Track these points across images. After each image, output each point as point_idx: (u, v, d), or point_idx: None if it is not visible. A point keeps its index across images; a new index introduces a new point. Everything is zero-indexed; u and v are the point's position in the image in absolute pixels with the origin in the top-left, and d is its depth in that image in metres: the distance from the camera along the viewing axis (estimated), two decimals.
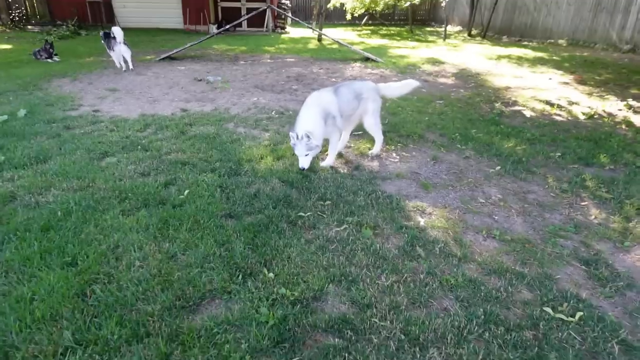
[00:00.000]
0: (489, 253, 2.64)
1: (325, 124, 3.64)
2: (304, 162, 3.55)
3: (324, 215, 3.05)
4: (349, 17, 22.43)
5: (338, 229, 2.89)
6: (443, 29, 18.38)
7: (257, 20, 19.08)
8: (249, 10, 19.14)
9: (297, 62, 10.50)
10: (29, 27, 15.72)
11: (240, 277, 2.27)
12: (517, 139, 4.82)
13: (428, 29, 24.77)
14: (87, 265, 2.35)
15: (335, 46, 14.53)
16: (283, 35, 18.40)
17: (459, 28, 22.67)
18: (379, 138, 4.29)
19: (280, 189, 3.42)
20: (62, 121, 5.03)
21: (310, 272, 2.35)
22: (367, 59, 10.93)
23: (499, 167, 4.01)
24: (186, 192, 3.29)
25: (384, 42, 16.61)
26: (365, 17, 24.67)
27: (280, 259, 2.49)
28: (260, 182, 3.56)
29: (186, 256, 2.51)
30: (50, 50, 9.66)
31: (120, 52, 8.55)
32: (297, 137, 3.44)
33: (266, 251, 2.55)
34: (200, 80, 8.01)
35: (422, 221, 3.07)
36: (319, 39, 16.07)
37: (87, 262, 2.37)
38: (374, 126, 4.19)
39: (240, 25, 19.28)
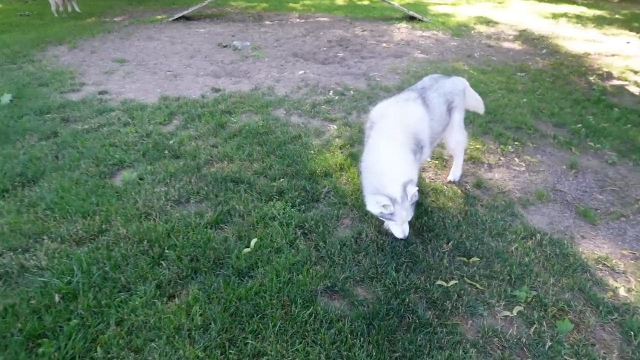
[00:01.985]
0: None
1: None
2: (407, 228, 2.03)
3: (477, 285, 1.90)
4: None
5: (510, 314, 1.79)
6: None
7: None
8: None
9: (333, 23, 8.95)
10: None
11: None
12: None
13: None
14: None
15: (365, 2, 12.81)
16: None
17: None
18: (460, 158, 2.82)
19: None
20: (60, 110, 3.78)
21: None
22: (411, 18, 9.33)
23: None
24: (253, 241, 2.10)
25: None
26: None
27: None
28: (356, 217, 2.35)
29: None
30: None
31: None
32: (398, 199, 1.91)
33: None
34: (226, 46, 6.61)
35: (621, 290, 1.97)
36: None
37: None
38: (460, 144, 2.72)
39: None
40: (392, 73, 5.13)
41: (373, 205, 1.99)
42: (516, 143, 3.41)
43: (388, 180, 1.94)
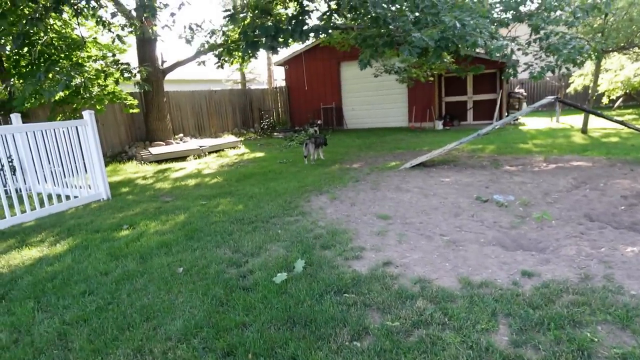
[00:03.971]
0: None
1: None
2: None
3: None
4: (605, 100, 18.19)
5: None
6: None
7: (485, 112, 17.01)
8: (475, 102, 17.39)
9: (602, 169, 7.38)
10: (275, 133, 17.33)
11: None
12: None
13: None
14: None
15: (613, 139, 10.88)
16: (521, 127, 15.52)
17: None
18: None
19: None
20: (355, 288, 3.31)
21: None
22: None
23: None
24: None
25: None
26: (620, 99, 19.87)
27: None
28: None
29: None
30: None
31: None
32: None
33: None
34: (486, 201, 5.79)
35: None
36: (584, 130, 12.57)
37: None
38: None
39: (464, 119, 17.56)
40: None
41: None
42: None
43: None
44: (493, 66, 15.09)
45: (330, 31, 7.17)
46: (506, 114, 16.79)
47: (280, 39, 6.36)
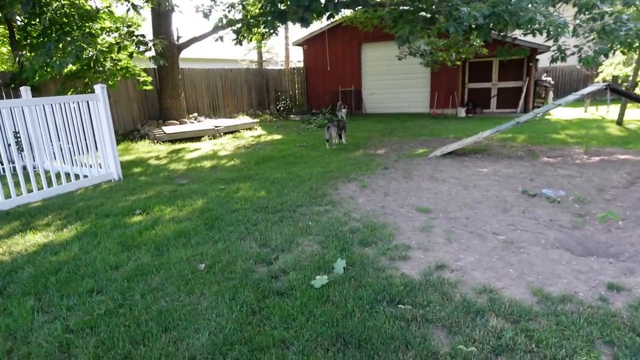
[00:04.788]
0: None
1: None
2: None
3: None
4: (638, 91, 17.24)
5: None
6: None
7: (508, 100, 16.21)
8: (499, 90, 16.56)
9: None
10: (291, 116, 16.73)
11: None
12: None
13: None
14: None
15: None
16: (548, 117, 14.74)
17: None
18: None
19: None
20: (410, 298, 2.79)
21: None
22: None
23: None
24: None
25: None
26: None
27: None
28: None
29: None
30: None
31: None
32: None
33: None
34: (534, 195, 5.21)
35: None
36: (620, 122, 11.81)
37: None
38: None
39: (487, 106, 16.79)
40: None
41: None
42: None
43: None
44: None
45: (367, 4, 6.49)
46: (531, 103, 15.99)
47: (313, 11, 5.74)
